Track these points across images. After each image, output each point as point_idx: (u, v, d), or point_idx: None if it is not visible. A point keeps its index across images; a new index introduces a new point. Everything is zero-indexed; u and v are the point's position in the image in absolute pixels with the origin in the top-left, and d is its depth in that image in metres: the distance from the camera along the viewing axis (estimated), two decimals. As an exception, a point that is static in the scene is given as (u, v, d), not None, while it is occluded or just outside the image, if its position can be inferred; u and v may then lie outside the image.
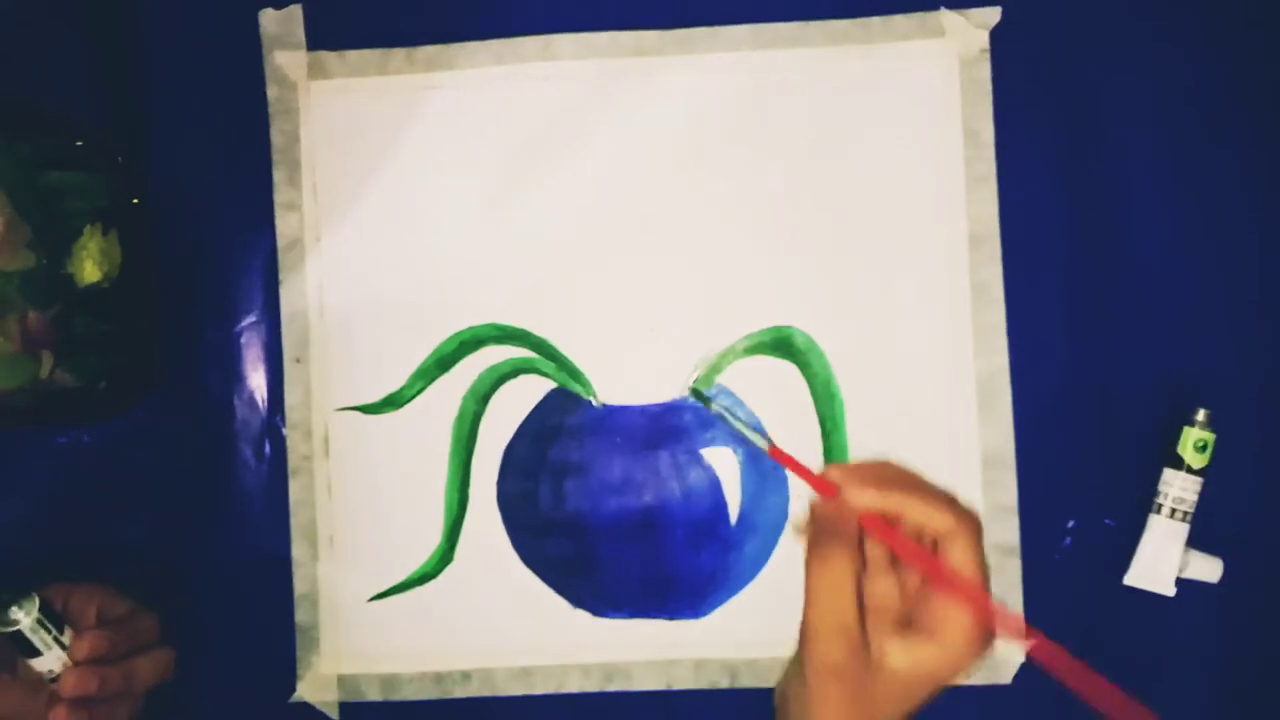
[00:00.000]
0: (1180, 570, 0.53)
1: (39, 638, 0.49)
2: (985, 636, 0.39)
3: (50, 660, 0.49)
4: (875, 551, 0.41)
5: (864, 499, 0.40)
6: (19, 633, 0.48)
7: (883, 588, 0.41)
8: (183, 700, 0.56)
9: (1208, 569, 0.54)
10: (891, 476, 0.41)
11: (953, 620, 0.39)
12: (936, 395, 0.56)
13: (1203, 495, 0.53)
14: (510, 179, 0.57)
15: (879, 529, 0.40)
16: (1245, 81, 0.56)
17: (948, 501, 0.40)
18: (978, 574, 0.39)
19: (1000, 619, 0.39)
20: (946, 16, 0.56)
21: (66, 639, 0.49)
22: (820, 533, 0.41)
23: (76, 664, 0.49)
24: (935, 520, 0.39)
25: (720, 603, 0.57)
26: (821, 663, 0.40)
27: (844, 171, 0.56)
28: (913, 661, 0.40)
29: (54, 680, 0.49)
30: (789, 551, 0.56)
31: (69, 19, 0.58)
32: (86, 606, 0.52)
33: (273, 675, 0.57)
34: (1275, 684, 0.55)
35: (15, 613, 0.48)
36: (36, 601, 0.49)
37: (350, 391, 0.58)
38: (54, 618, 0.49)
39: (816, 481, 0.41)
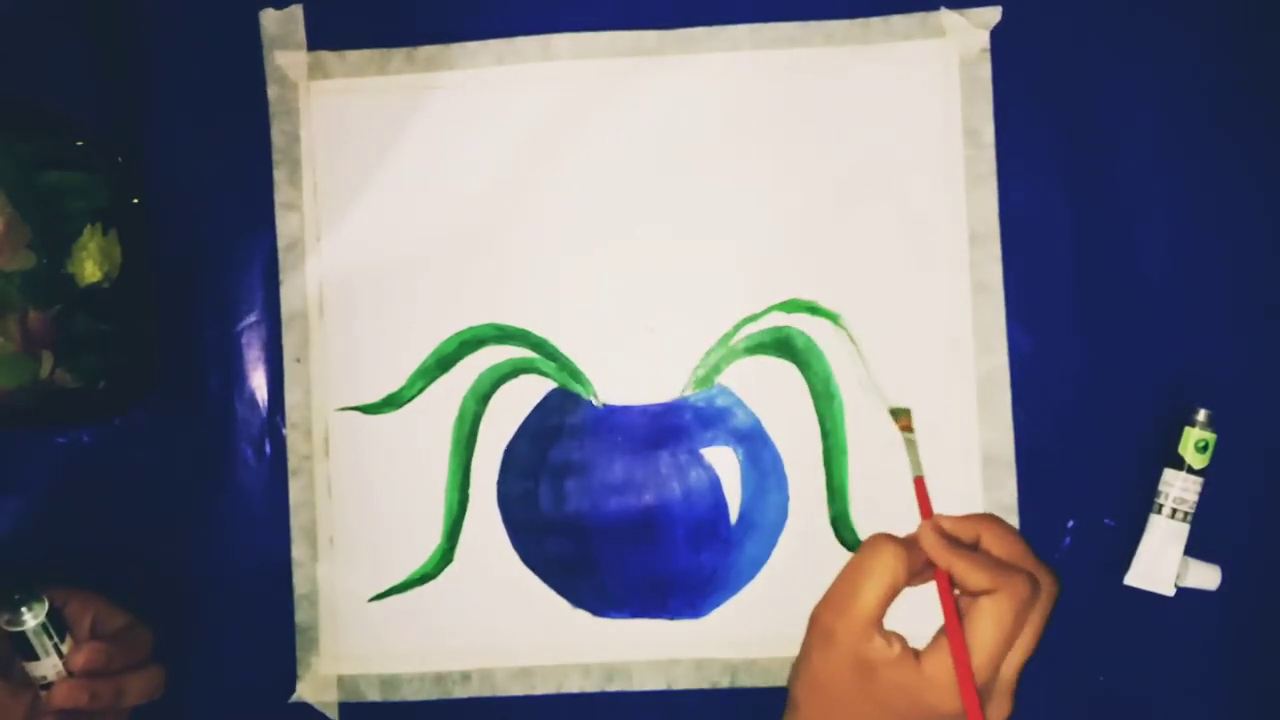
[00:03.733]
0: (1178, 579, 0.53)
1: (40, 642, 0.49)
2: (962, 708, 0.41)
3: (46, 667, 0.49)
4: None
5: (929, 542, 0.44)
6: (22, 634, 0.48)
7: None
8: (183, 700, 0.56)
9: (1206, 577, 0.54)
10: (972, 536, 0.45)
11: (945, 670, 0.41)
12: (936, 395, 0.56)
13: (1203, 495, 0.53)
14: (510, 179, 0.57)
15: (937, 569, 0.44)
16: (1247, 81, 0.56)
17: (996, 571, 0.42)
18: (994, 647, 0.41)
19: (971, 710, 0.41)
20: (947, 16, 0.56)
21: (65, 647, 0.49)
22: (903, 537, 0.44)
23: (71, 675, 0.49)
24: (972, 580, 0.42)
25: (720, 603, 0.57)
26: (824, 622, 0.43)
27: (844, 171, 0.56)
28: (895, 678, 0.42)
29: (45, 687, 0.49)
30: (789, 551, 0.56)
31: (69, 19, 0.58)
32: (82, 616, 0.51)
33: (273, 675, 0.57)
34: (1276, 684, 0.55)
35: (25, 614, 0.48)
36: (46, 605, 0.49)
37: (350, 391, 0.58)
38: (59, 625, 0.49)
39: (923, 501, 0.46)
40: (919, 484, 0.47)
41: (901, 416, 0.52)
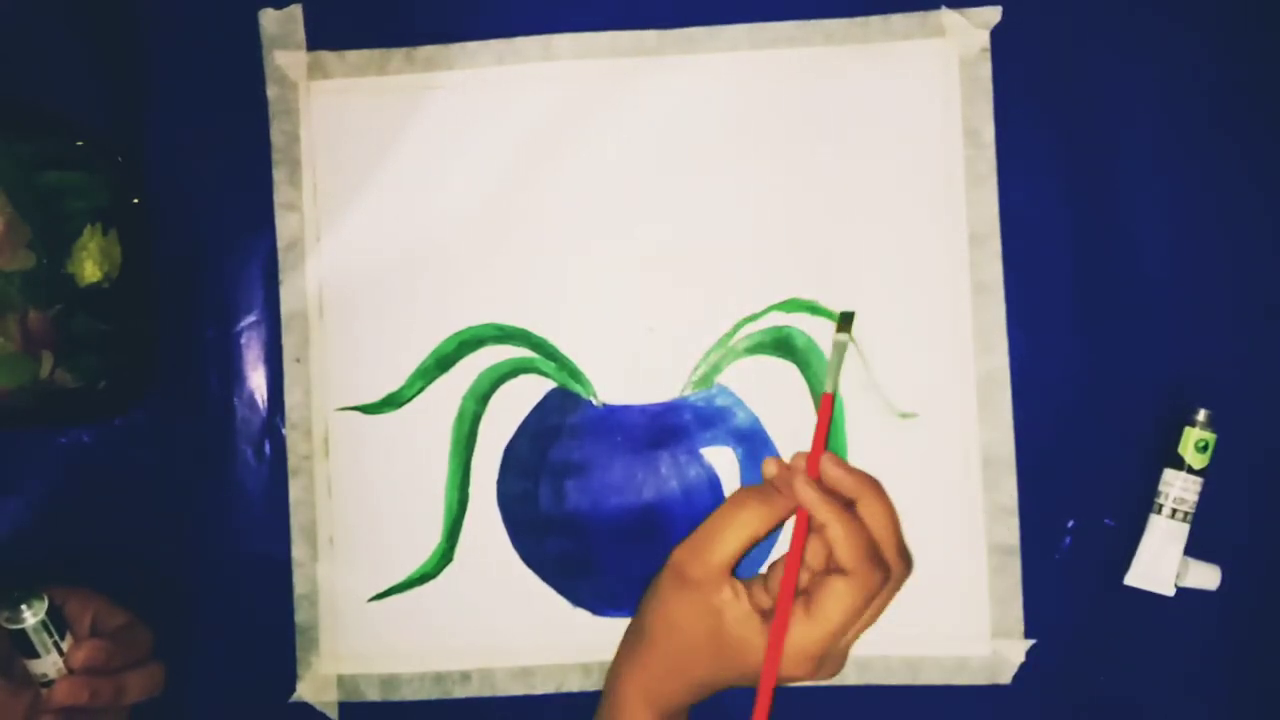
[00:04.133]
0: (1178, 579, 0.53)
1: (40, 640, 0.49)
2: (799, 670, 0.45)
3: (46, 664, 0.49)
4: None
5: (808, 498, 0.46)
6: (22, 631, 0.49)
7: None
8: (183, 700, 0.56)
9: (1206, 577, 0.54)
10: (852, 494, 0.47)
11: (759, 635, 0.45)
12: (936, 395, 0.56)
13: (1203, 495, 0.53)
14: (510, 179, 0.57)
15: (799, 523, 0.46)
16: (1248, 80, 0.56)
17: (863, 555, 0.45)
18: (839, 627, 0.44)
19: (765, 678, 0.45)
20: (947, 16, 0.56)
21: (65, 645, 0.49)
22: (768, 487, 0.48)
23: (71, 672, 0.49)
24: (839, 551, 0.45)
25: (720, 603, 0.56)
26: (680, 564, 0.47)
27: (844, 171, 0.56)
28: (739, 631, 0.45)
29: (45, 684, 0.49)
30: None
31: (69, 19, 0.59)
32: (82, 614, 0.51)
33: (273, 675, 0.57)
34: (1276, 684, 0.55)
35: (24, 611, 0.48)
36: (46, 603, 0.49)
37: (350, 391, 0.58)
38: (59, 622, 0.49)
39: (816, 449, 0.48)
40: (826, 403, 0.47)
41: (845, 321, 0.53)
